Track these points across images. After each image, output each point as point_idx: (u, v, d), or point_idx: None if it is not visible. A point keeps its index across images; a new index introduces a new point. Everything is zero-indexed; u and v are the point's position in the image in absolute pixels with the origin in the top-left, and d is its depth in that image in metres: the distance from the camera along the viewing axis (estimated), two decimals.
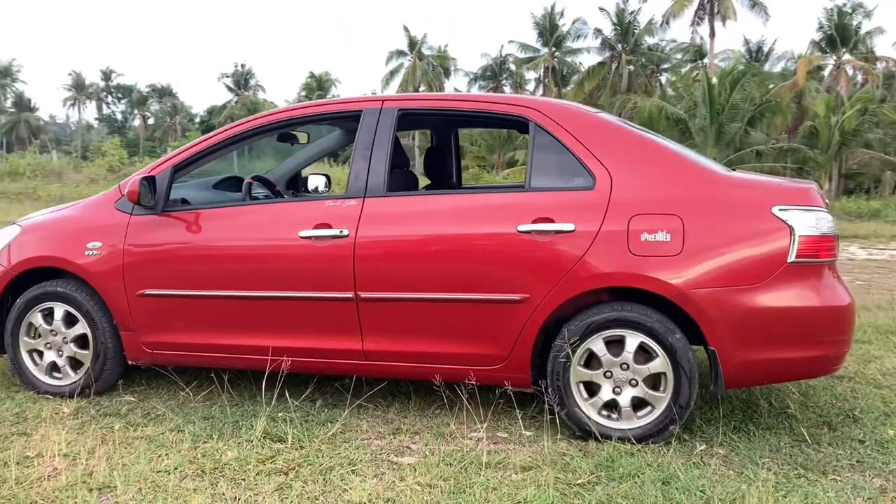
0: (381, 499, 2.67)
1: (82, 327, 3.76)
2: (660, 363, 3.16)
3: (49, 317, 3.80)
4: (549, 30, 43.42)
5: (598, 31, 39.19)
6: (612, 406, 3.24)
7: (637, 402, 3.22)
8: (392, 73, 46.72)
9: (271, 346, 3.48)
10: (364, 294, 3.38)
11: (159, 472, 2.88)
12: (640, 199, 3.18)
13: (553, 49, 43.92)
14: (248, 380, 4.00)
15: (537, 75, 46.86)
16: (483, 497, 2.68)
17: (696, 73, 34.92)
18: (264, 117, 3.77)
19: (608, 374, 3.22)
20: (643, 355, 3.18)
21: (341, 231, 3.38)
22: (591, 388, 3.26)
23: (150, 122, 72.99)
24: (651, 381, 3.20)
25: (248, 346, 3.54)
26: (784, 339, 3.10)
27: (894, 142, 29.11)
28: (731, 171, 3.57)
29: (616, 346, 3.21)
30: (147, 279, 3.62)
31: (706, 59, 37.03)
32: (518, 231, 3.22)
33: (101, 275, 3.67)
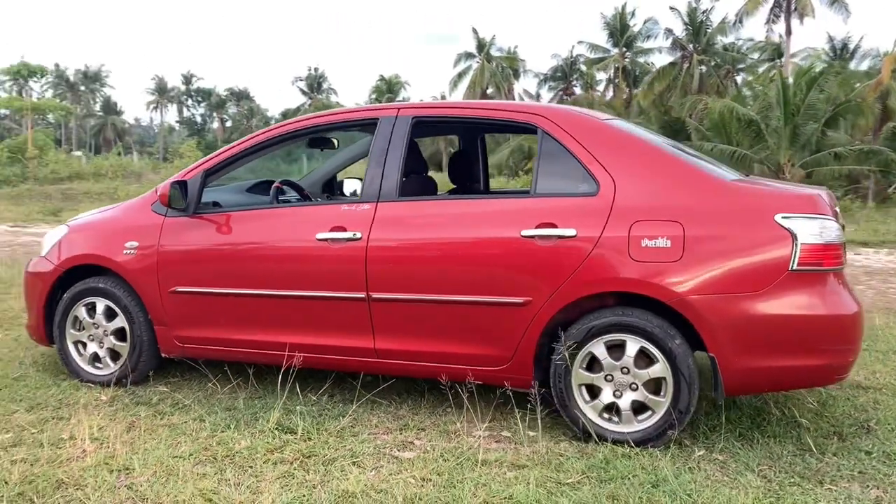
0: (374, 489, 2.80)
1: (121, 321, 4.03)
2: (660, 368, 3.19)
3: (92, 311, 4.09)
4: (619, 30, 42.89)
5: (669, 31, 38.46)
6: (612, 409, 3.29)
7: (637, 405, 3.26)
8: (460, 76, 47.02)
9: (288, 343, 3.67)
10: (375, 294, 3.52)
11: (175, 457, 3.09)
12: (642, 205, 3.22)
13: (623, 49, 43.34)
14: (273, 374, 4.19)
15: (608, 76, 46.34)
16: (471, 492, 2.79)
17: (773, 72, 33.87)
18: (290, 124, 3.96)
19: (609, 377, 3.27)
20: (644, 360, 3.22)
21: (354, 234, 3.53)
22: (593, 391, 3.32)
23: (228, 124, 75.38)
24: (652, 386, 3.23)
25: (267, 342, 3.73)
26: (785, 346, 3.09)
27: None
28: (743, 177, 3.57)
29: (617, 350, 3.26)
30: (178, 277, 3.86)
31: (783, 58, 35.85)
32: (521, 235, 3.31)
33: (138, 272, 3.93)
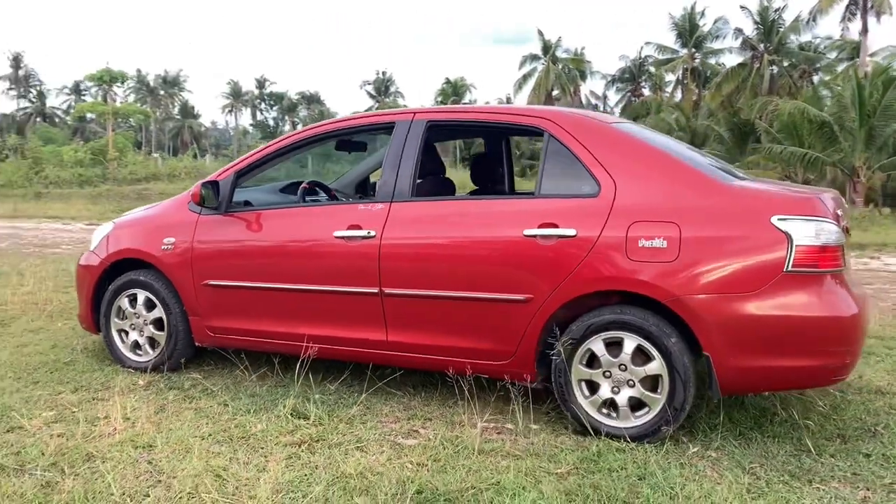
0: (371, 472, 2.98)
1: (159, 311, 4.33)
2: (656, 366, 3.27)
3: (133, 301, 4.41)
4: (688, 30, 42.10)
5: (739, 31, 37.54)
6: (611, 405, 3.38)
7: (635, 402, 3.34)
8: (525, 78, 46.98)
9: (307, 334, 3.88)
10: (388, 290, 3.70)
11: (195, 437, 3.34)
12: (641, 206, 3.31)
13: (692, 50, 42.52)
14: (297, 364, 4.42)
15: (677, 77, 45.54)
16: (462, 477, 2.93)
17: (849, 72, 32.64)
18: (314, 128, 4.19)
19: (607, 373, 3.36)
20: (641, 357, 3.30)
21: (369, 232, 3.72)
22: (592, 387, 3.42)
23: (299, 127, 77.12)
24: (649, 383, 3.31)
25: (288, 333, 3.96)
26: (780, 347, 3.12)
27: None
28: (748, 179, 3.61)
29: (615, 347, 3.35)
30: (209, 271, 4.13)
31: (859, 58, 34.52)
32: (524, 235, 3.44)
33: (174, 266, 4.22)
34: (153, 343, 4.39)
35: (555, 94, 46.82)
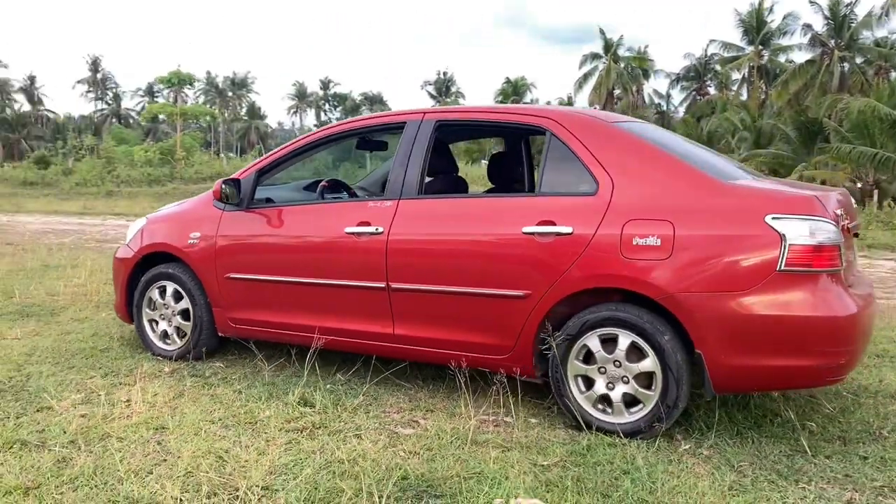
0: (363, 458, 3.10)
1: (186, 303, 4.55)
2: (650, 363, 3.29)
3: (163, 293, 4.64)
4: (755, 27, 41.04)
5: (808, 27, 36.39)
6: (606, 400, 3.42)
7: (629, 398, 3.37)
8: (586, 77, 46.54)
9: (318, 326, 4.04)
10: (395, 284, 3.82)
11: (206, 421, 3.52)
12: (636, 205, 3.34)
13: (759, 47, 41.43)
14: (315, 355, 4.58)
15: (743, 74, 44.45)
16: (449, 465, 3.02)
17: None
18: (332, 128, 4.34)
19: (602, 369, 3.40)
20: (635, 354, 3.33)
21: (377, 228, 3.85)
22: (588, 382, 3.46)
23: None
24: (643, 380, 3.34)
25: (301, 325, 4.12)
26: (772, 346, 3.11)
27: None
28: (753, 178, 3.60)
29: (610, 343, 3.39)
30: (230, 265, 4.33)
31: None
32: (523, 232, 3.51)
33: (199, 260, 4.43)
34: (180, 333, 4.62)
35: (616, 92, 46.26)
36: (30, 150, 53.13)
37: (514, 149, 5.01)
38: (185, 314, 4.58)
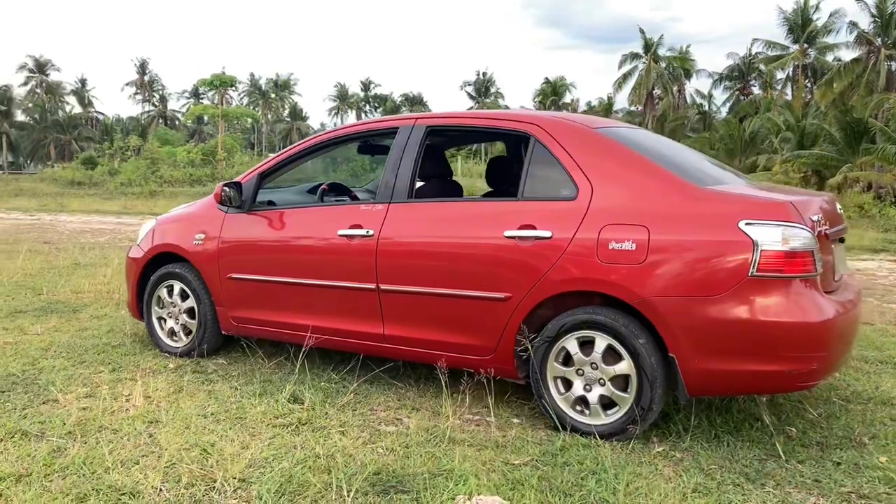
0: (341, 453, 3.21)
1: (191, 301, 4.72)
2: (625, 365, 3.34)
3: (170, 292, 4.82)
4: (800, 25, 40.22)
5: (853, 25, 35.53)
6: (584, 402, 3.47)
7: (606, 400, 3.42)
8: (625, 77, 46.10)
9: (312, 326, 4.16)
10: (384, 286, 3.92)
11: (198, 415, 3.67)
12: (614, 210, 3.39)
13: (805, 46, 40.59)
14: (314, 353, 4.71)
15: (787, 74, 43.60)
16: (420, 462, 3.12)
17: None
18: (328, 134, 4.47)
19: (580, 371, 3.46)
20: (612, 357, 3.38)
21: (368, 231, 3.96)
22: (568, 384, 3.52)
23: None
24: (619, 383, 3.38)
25: (296, 324, 4.25)
26: (744, 351, 3.14)
27: None
28: (739, 184, 3.61)
29: (588, 346, 3.44)
30: (231, 265, 4.48)
31: None
32: (505, 236, 3.58)
33: (203, 260, 4.60)
34: (186, 330, 4.79)
35: (656, 92, 45.76)
36: (79, 150, 54.78)
37: (511, 153, 5.07)
38: (190, 312, 4.75)
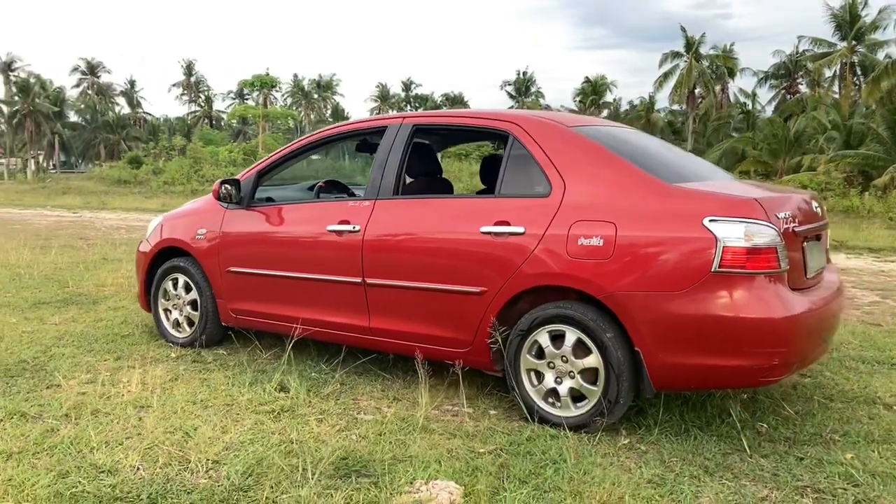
0: (315, 439, 3.34)
1: (194, 294, 4.92)
2: (593, 359, 3.41)
3: (175, 284, 5.02)
4: (848, 21, 39.24)
5: None
6: (555, 394, 3.55)
7: (576, 393, 3.49)
8: (666, 76, 45.54)
9: (302, 318, 4.31)
10: (369, 280, 4.05)
11: (188, 402, 3.84)
12: (584, 206, 3.45)
13: (853, 43, 39.60)
14: (311, 345, 4.85)
15: (834, 72, 42.54)
16: (387, 448, 3.23)
17: None
18: (323, 132, 4.61)
19: (551, 364, 3.54)
20: (582, 350, 3.45)
21: (355, 227, 4.09)
22: (540, 376, 3.60)
23: None
24: (588, 376, 3.45)
25: (287, 316, 4.40)
26: (706, 345, 3.18)
27: None
28: (715, 181, 3.65)
29: (559, 340, 3.51)
30: (230, 259, 4.66)
31: None
32: (481, 232, 3.67)
33: (204, 254, 4.78)
34: (190, 322, 4.98)
35: (697, 91, 45.13)
36: (127, 150, 56.20)
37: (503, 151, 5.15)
38: (193, 304, 4.94)
